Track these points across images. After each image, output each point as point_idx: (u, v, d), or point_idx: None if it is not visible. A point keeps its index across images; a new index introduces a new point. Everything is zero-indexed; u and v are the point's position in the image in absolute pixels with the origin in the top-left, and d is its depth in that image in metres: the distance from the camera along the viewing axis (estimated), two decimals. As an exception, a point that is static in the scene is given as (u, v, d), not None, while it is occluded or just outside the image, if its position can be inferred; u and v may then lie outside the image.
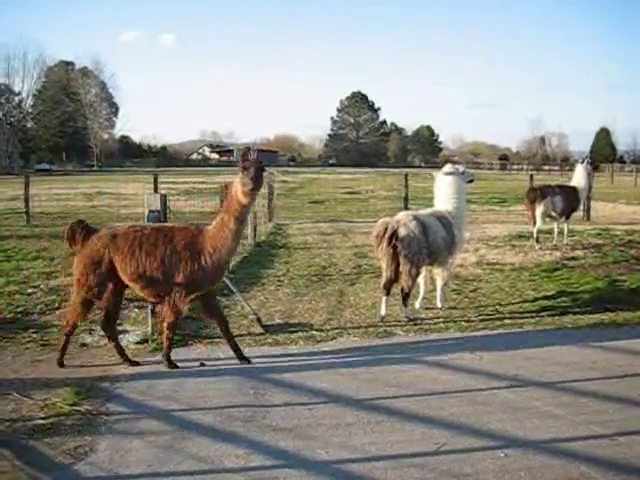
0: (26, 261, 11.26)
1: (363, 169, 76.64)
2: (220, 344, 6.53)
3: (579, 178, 13.57)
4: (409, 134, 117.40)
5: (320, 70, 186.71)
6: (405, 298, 7.40)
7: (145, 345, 6.48)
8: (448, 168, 8.09)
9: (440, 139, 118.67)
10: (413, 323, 7.30)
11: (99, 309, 6.10)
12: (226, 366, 5.83)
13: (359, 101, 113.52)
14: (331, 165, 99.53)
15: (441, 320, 7.48)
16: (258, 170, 5.36)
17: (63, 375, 5.56)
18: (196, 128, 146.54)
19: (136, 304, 8.01)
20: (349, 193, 31.76)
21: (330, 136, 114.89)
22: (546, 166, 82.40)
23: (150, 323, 6.73)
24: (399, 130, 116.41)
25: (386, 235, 7.21)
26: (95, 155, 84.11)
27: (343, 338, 6.78)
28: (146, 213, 6.65)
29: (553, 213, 12.94)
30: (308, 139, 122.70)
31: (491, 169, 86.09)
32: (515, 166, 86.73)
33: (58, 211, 20.41)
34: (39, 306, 7.93)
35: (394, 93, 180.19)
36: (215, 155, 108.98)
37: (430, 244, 7.35)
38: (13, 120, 76.30)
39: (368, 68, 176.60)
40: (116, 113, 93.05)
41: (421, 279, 7.86)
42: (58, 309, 7.81)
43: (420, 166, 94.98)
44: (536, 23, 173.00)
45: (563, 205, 12.89)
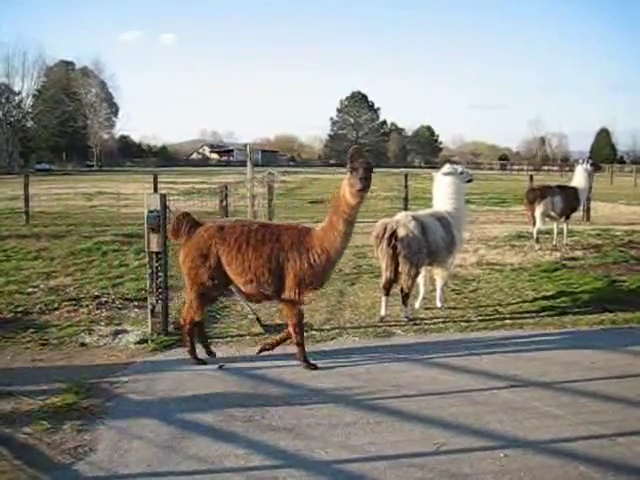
0: (26, 261, 11.25)
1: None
2: (219, 344, 6.54)
3: (579, 178, 13.58)
4: (409, 134, 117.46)
5: (320, 70, 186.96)
6: (405, 298, 7.40)
7: (145, 345, 6.47)
8: (447, 168, 8.10)
9: (440, 139, 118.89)
10: (413, 323, 7.30)
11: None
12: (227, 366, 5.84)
13: (359, 101, 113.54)
14: (331, 165, 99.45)
15: (441, 320, 7.49)
16: (367, 171, 5.23)
17: (62, 375, 5.55)
18: (196, 128, 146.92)
19: (136, 304, 8.03)
20: (349, 193, 31.68)
21: (330, 136, 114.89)
22: (546, 166, 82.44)
23: (150, 323, 6.73)
24: (399, 130, 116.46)
25: (385, 235, 7.22)
26: (95, 155, 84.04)
27: (343, 338, 6.78)
28: (145, 213, 6.65)
29: (553, 213, 12.95)
30: (308, 139, 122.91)
31: (491, 169, 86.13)
32: (515, 166, 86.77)
33: (58, 211, 20.41)
34: (39, 306, 7.92)
35: (394, 93, 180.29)
36: (215, 155, 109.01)
37: (429, 244, 7.36)
38: (13, 120, 76.02)
39: (368, 68, 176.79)
40: (116, 113, 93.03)
41: (421, 279, 7.86)
42: (57, 309, 7.81)
43: (420, 166, 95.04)
44: (536, 23, 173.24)
45: (563, 205, 12.89)
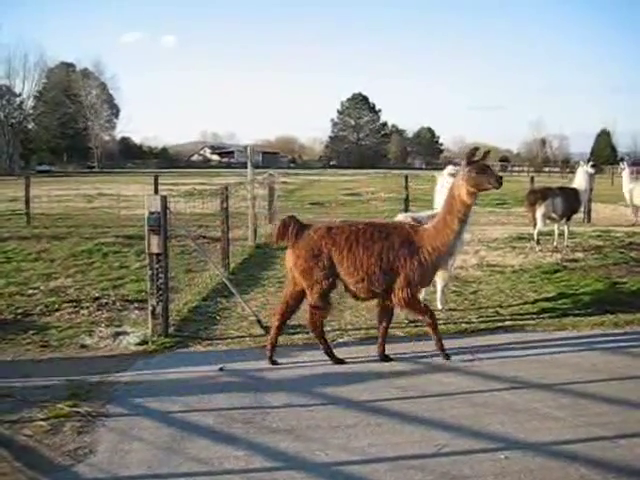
0: (26, 262, 11.26)
1: (364, 170, 76.61)
2: (220, 346, 6.54)
3: (580, 180, 13.58)
4: (410, 136, 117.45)
5: (321, 72, 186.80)
6: (405, 300, 7.38)
7: (145, 347, 6.47)
8: (451, 169, 8.09)
9: (441, 141, 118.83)
10: (413, 325, 7.29)
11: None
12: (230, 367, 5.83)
13: (360, 103, 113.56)
14: (332, 166, 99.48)
15: (441, 322, 7.45)
16: (491, 169, 5.74)
17: (63, 377, 5.55)
18: (197, 129, 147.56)
19: (136, 305, 8.02)
20: (350, 195, 31.71)
21: (331, 138, 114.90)
22: (547, 168, 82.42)
23: (150, 325, 6.73)
24: (400, 132, 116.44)
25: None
26: (96, 156, 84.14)
27: (343, 340, 6.78)
28: (146, 215, 6.65)
29: (554, 215, 12.94)
30: (309, 141, 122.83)
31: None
32: (516, 168, 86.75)
33: (58, 212, 20.44)
34: (39, 307, 7.92)
35: (395, 95, 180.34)
36: (216, 157, 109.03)
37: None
38: (14, 121, 76.19)
39: (369, 69, 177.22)
40: (117, 114, 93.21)
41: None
42: (58, 310, 7.81)
43: (421, 168, 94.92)
44: (537, 25, 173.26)
45: (564, 207, 12.88)
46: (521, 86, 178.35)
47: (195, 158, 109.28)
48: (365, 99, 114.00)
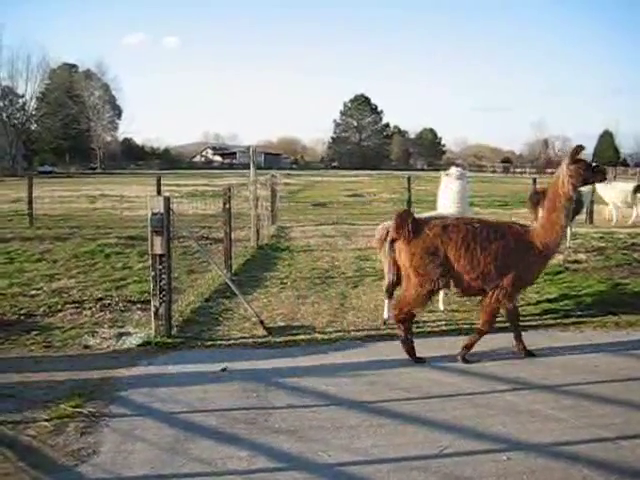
0: (29, 263, 11.28)
1: (366, 172, 76.62)
2: (222, 346, 6.55)
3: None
4: (412, 137, 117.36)
5: (323, 73, 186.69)
6: (408, 301, 7.39)
7: (148, 347, 6.48)
8: (457, 172, 8.10)
9: (443, 142, 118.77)
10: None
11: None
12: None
13: (362, 104, 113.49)
14: (334, 168, 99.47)
15: (443, 323, 7.48)
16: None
17: (66, 377, 5.57)
18: (199, 130, 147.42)
19: (139, 306, 8.04)
20: (352, 196, 31.76)
21: (333, 139, 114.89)
22: (549, 169, 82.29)
23: (153, 325, 6.74)
24: (402, 133, 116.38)
25: (388, 238, 7.21)
26: (98, 157, 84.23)
27: (346, 341, 6.78)
28: (149, 215, 6.66)
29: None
30: (311, 142, 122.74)
31: (494, 172, 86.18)
32: (518, 169, 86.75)
33: (61, 213, 20.47)
34: (42, 308, 7.94)
35: (397, 96, 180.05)
36: (218, 158, 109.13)
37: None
38: (17, 122, 76.25)
39: (371, 71, 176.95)
40: (119, 115, 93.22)
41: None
42: (61, 311, 7.83)
43: (423, 169, 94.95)
44: (539, 26, 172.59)
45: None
46: (524, 87, 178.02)
47: (197, 159, 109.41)
48: (367, 100, 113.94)
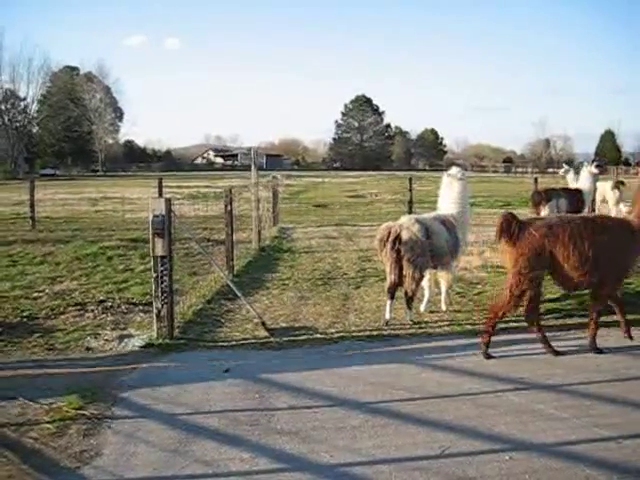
0: (31, 265, 11.30)
1: (367, 172, 76.64)
2: (224, 348, 6.55)
3: (584, 181, 13.58)
4: (413, 137, 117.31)
5: (324, 74, 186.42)
6: (409, 301, 7.40)
7: (150, 349, 6.49)
8: (458, 172, 8.10)
9: (444, 142, 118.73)
10: (417, 326, 7.30)
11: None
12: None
13: (363, 105, 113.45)
14: (335, 169, 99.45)
15: (446, 323, 7.48)
16: None
17: (68, 379, 5.58)
18: (200, 132, 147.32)
19: (141, 308, 8.05)
20: (353, 197, 31.77)
21: (334, 140, 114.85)
22: (551, 169, 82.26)
23: (155, 327, 6.75)
24: (403, 133, 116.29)
25: (390, 239, 7.22)
26: (100, 160, 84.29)
27: (348, 342, 6.78)
28: (151, 217, 6.67)
29: (558, 215, 12.92)
30: (312, 143, 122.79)
31: (495, 172, 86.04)
32: (519, 169, 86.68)
33: (63, 216, 20.51)
34: (44, 310, 7.96)
35: (398, 97, 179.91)
36: (219, 159, 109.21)
37: (434, 247, 7.36)
38: (18, 125, 76.43)
39: (372, 72, 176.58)
40: (121, 118, 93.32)
41: (425, 282, 7.86)
42: (63, 313, 7.84)
43: (424, 169, 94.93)
44: (541, 26, 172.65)
45: (568, 208, 12.86)
46: (525, 87, 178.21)
47: (199, 161, 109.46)
48: (369, 101, 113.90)
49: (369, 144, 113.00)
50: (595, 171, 13.67)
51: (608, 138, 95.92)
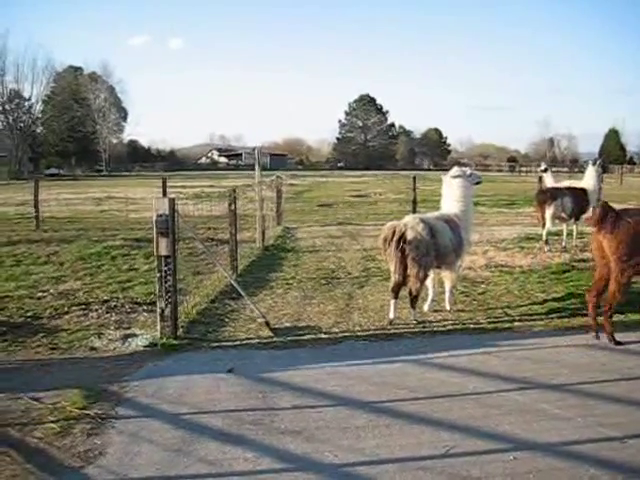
0: (35, 265, 11.33)
1: (371, 172, 76.60)
2: (228, 347, 6.55)
3: (588, 180, 13.56)
4: (417, 137, 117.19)
5: (328, 73, 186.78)
6: (413, 301, 7.39)
7: (154, 349, 6.49)
8: (455, 171, 8.10)
9: (448, 141, 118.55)
10: (422, 326, 7.29)
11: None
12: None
13: (367, 104, 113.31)
14: (339, 168, 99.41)
15: (449, 323, 7.47)
16: None
17: (72, 379, 5.58)
18: (204, 132, 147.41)
19: (145, 308, 8.06)
20: (357, 196, 31.73)
21: (338, 139, 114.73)
22: (555, 168, 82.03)
23: (159, 327, 6.75)
24: (407, 133, 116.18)
25: (394, 238, 7.21)
26: (104, 159, 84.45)
27: (352, 341, 6.78)
28: (154, 217, 6.67)
29: (563, 215, 12.90)
30: (316, 142, 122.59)
31: (500, 171, 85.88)
32: (524, 168, 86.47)
33: (67, 216, 20.54)
34: (48, 310, 7.96)
35: (402, 96, 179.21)
36: (223, 159, 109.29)
37: (438, 247, 7.35)
38: (23, 125, 76.62)
39: (376, 71, 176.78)
40: (125, 118, 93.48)
41: (429, 282, 7.85)
42: (67, 313, 7.85)
43: (429, 169, 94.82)
44: (544, 26, 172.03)
45: (572, 207, 12.84)
46: (529, 86, 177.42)
47: (203, 160, 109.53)
48: (372, 100, 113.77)
49: (373, 143, 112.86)
50: (599, 170, 13.66)
51: (613, 137, 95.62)
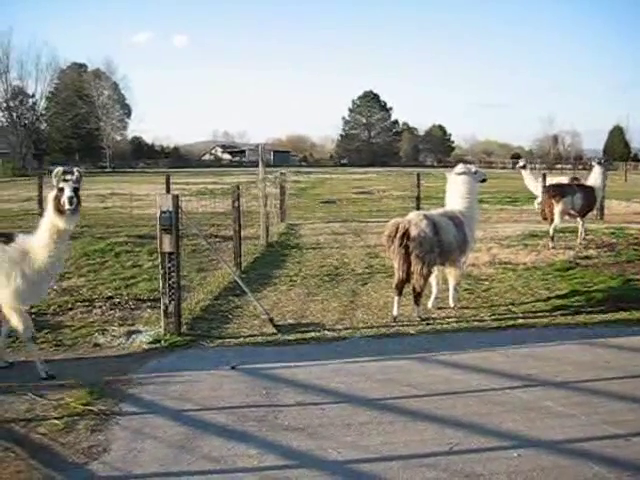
0: (40, 262, 11.31)
1: (375, 169, 76.52)
2: (232, 344, 6.55)
3: (595, 177, 13.56)
4: (421, 134, 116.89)
5: (332, 70, 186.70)
6: (417, 298, 7.38)
7: (158, 345, 6.50)
8: (460, 168, 8.08)
9: (452, 138, 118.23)
10: (425, 323, 7.28)
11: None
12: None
13: (371, 101, 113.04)
14: (343, 165, 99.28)
15: (453, 320, 7.46)
16: None
17: (76, 375, 5.59)
18: (208, 129, 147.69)
19: (149, 304, 8.06)
20: (361, 193, 31.70)
21: (342, 136, 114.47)
22: (559, 165, 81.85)
23: (163, 324, 6.75)
24: (411, 130, 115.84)
25: (398, 235, 7.20)
26: (108, 156, 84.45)
27: (355, 338, 6.78)
28: (158, 214, 6.67)
29: (572, 211, 12.89)
30: (320, 139, 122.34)
31: (504, 168, 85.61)
32: (529, 165, 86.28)
33: (71, 212, 20.49)
34: (52, 307, 7.97)
35: (406, 93, 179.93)
36: (227, 155, 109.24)
37: (442, 244, 7.33)
38: (27, 122, 76.69)
39: (380, 68, 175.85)
40: (129, 114, 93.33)
41: (433, 279, 7.84)
42: (71, 310, 7.86)
43: (432, 165, 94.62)
44: (548, 23, 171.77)
45: (582, 204, 12.85)
46: (533, 83, 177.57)
47: (206, 157, 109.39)
48: (376, 97, 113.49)
49: (376, 140, 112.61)
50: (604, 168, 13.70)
51: (617, 134, 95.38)
